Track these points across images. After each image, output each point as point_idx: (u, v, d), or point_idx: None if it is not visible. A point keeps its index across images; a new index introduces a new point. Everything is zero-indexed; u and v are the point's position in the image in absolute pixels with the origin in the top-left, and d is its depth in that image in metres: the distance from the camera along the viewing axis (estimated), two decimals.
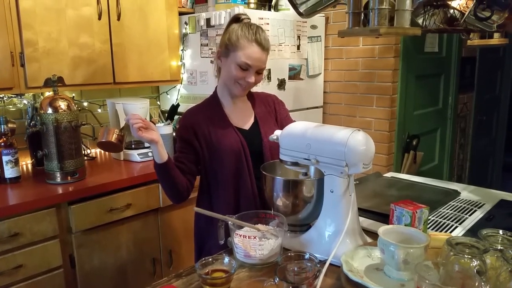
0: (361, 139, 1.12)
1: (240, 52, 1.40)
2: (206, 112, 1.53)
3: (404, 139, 2.91)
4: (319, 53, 2.85)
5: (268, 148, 1.51)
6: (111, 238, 2.02)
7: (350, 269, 0.99)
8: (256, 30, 1.42)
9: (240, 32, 1.42)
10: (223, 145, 1.47)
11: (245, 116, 1.56)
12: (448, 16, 1.25)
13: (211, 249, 1.43)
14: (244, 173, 1.47)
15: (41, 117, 1.92)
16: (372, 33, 0.99)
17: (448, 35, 3.20)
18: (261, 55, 1.43)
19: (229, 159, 1.46)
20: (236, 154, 1.46)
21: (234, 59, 1.42)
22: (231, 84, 1.47)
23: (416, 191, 1.72)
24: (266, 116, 1.58)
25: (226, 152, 1.46)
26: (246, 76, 1.43)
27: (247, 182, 1.48)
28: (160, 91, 2.89)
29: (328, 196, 1.17)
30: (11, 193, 1.84)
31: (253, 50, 1.41)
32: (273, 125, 1.57)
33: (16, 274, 1.71)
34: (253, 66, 1.42)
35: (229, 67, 1.44)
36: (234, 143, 1.47)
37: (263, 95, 1.66)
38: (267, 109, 1.60)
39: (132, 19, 2.30)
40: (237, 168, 1.47)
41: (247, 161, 1.48)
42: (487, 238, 0.97)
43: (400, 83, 2.73)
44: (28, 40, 1.95)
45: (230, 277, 1.02)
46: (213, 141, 1.48)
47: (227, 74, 1.47)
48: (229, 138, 1.48)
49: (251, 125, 1.55)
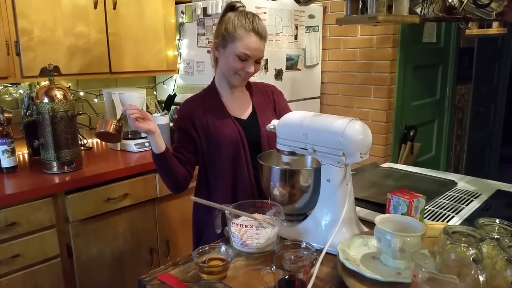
0: (358, 129, 1.12)
1: (238, 43, 1.39)
2: (204, 102, 1.52)
3: (402, 130, 2.91)
4: (317, 43, 2.83)
5: (266, 138, 1.50)
6: (108, 228, 2.02)
7: (346, 258, 0.99)
8: (252, 18, 1.41)
9: (236, 21, 1.40)
10: (221, 134, 1.46)
11: (243, 106, 1.55)
12: (446, 5, 1.24)
13: (209, 239, 1.43)
14: (242, 162, 1.47)
15: (37, 106, 1.90)
16: (370, 21, 0.99)
17: (446, 25, 3.19)
18: (260, 44, 1.42)
19: (227, 149, 1.46)
20: (233, 144, 1.46)
21: (232, 50, 1.41)
22: (231, 75, 1.46)
23: (413, 181, 1.73)
24: (264, 106, 1.57)
25: (224, 142, 1.46)
26: (246, 67, 1.42)
27: (244, 172, 1.48)
28: (157, 81, 2.87)
29: (325, 185, 1.17)
30: (7, 183, 1.83)
31: (251, 40, 1.39)
32: (271, 115, 1.56)
33: (13, 263, 1.71)
34: (252, 56, 1.41)
35: (227, 58, 1.43)
36: (232, 132, 1.47)
37: (261, 85, 1.65)
38: (265, 99, 1.60)
39: (128, 8, 2.28)
40: (235, 158, 1.47)
41: (244, 151, 1.48)
42: (484, 227, 0.97)
43: (397, 74, 2.72)
44: (23, 29, 1.93)
45: (227, 266, 1.02)
46: (211, 131, 1.47)
47: (226, 65, 1.45)
48: (227, 128, 1.47)
49: (249, 114, 1.54)
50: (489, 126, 4.35)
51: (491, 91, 4.25)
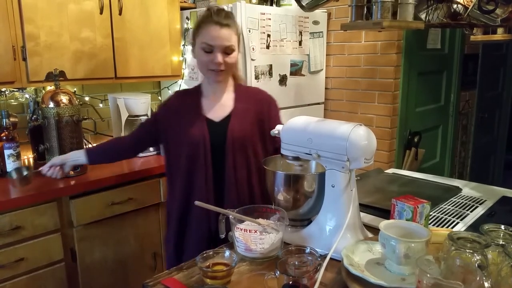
0: (363, 134, 1.12)
1: (201, 36, 1.41)
2: (185, 98, 1.55)
3: (406, 136, 2.90)
4: (321, 49, 2.84)
5: (231, 144, 1.45)
6: (112, 232, 2.02)
7: (350, 263, 0.99)
8: (214, 11, 1.41)
9: (200, 18, 1.43)
10: (183, 133, 1.47)
11: (221, 108, 1.51)
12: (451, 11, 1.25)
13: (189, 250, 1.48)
14: (200, 164, 1.45)
15: (42, 111, 1.92)
16: (375, 26, 0.99)
17: (451, 31, 3.19)
18: (220, 32, 1.39)
19: (187, 147, 1.45)
20: (194, 144, 1.44)
21: (198, 45, 1.43)
22: (205, 72, 1.47)
23: (418, 187, 1.72)
24: (244, 113, 1.51)
25: (185, 141, 1.46)
26: (213, 58, 1.40)
27: (201, 173, 1.45)
28: (162, 86, 2.88)
29: (329, 191, 1.17)
30: (12, 187, 1.83)
31: (211, 29, 1.39)
32: (249, 123, 1.49)
33: (17, 267, 1.71)
34: (216, 45, 1.39)
35: (197, 55, 1.45)
36: (195, 133, 1.45)
37: (255, 92, 1.60)
38: (250, 106, 1.52)
39: (133, 13, 2.29)
40: (193, 158, 1.45)
41: (205, 152, 1.45)
42: (489, 233, 0.97)
43: (402, 80, 2.72)
44: (30, 34, 1.95)
45: (230, 270, 1.02)
46: (175, 128, 1.49)
47: (198, 63, 1.47)
48: (193, 128, 1.46)
49: (223, 118, 1.50)
50: (493, 132, 4.34)
51: (496, 97, 4.24)
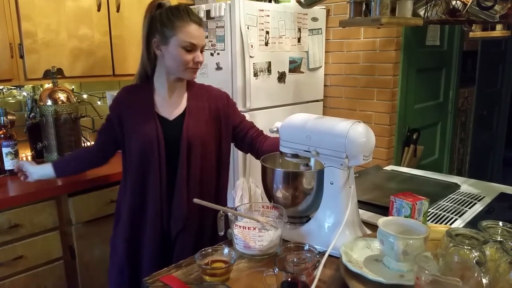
0: (362, 131, 1.12)
1: (180, 35, 1.36)
2: (136, 94, 1.50)
3: (405, 133, 2.90)
4: (320, 46, 2.84)
5: (186, 142, 1.44)
6: (111, 230, 2.01)
7: (349, 260, 0.99)
8: (185, 9, 1.40)
9: (170, 15, 1.38)
10: (137, 131, 1.44)
11: (174, 106, 1.49)
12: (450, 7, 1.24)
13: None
14: (154, 161, 1.43)
15: (40, 109, 1.91)
16: (373, 23, 0.99)
17: (450, 28, 3.19)
18: (201, 32, 1.40)
19: (141, 146, 1.43)
20: (148, 142, 1.42)
21: (175, 43, 1.37)
22: (181, 71, 1.42)
23: (416, 184, 1.72)
24: (199, 111, 1.49)
25: (138, 138, 1.44)
26: (195, 57, 1.40)
27: (155, 173, 1.43)
28: None
29: (328, 188, 1.17)
30: (11, 185, 1.84)
31: (192, 28, 1.38)
32: (203, 122, 1.48)
33: (16, 265, 1.72)
34: (198, 44, 1.39)
35: (172, 54, 1.39)
36: (149, 131, 1.43)
37: (206, 89, 1.57)
38: (204, 104, 1.51)
39: (131, 10, 2.29)
40: (147, 157, 1.43)
41: (159, 151, 1.43)
42: (487, 230, 0.97)
43: (401, 77, 2.72)
44: (27, 31, 1.94)
45: (229, 268, 1.02)
46: (130, 124, 1.46)
47: (173, 61, 1.41)
48: (146, 125, 1.43)
49: (177, 116, 1.48)
50: (492, 129, 4.34)
51: (495, 94, 4.24)
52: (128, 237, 1.50)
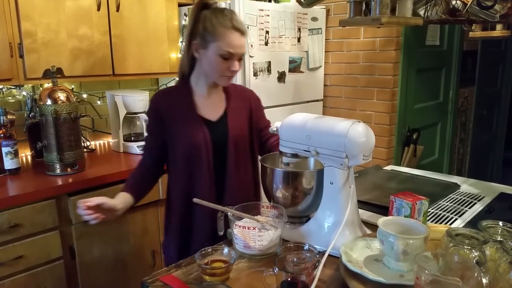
0: (361, 131, 1.11)
1: (220, 42, 1.35)
2: (175, 97, 1.48)
3: (405, 132, 2.91)
4: (320, 46, 2.84)
5: (233, 142, 1.45)
6: (111, 230, 2.02)
7: (349, 260, 0.99)
8: (231, 15, 1.37)
9: (214, 20, 1.36)
10: (184, 133, 1.43)
11: (215, 108, 1.49)
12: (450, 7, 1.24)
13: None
14: (203, 164, 1.43)
15: (40, 108, 1.91)
16: (373, 23, 0.99)
17: (450, 27, 3.18)
18: (242, 41, 1.38)
19: (188, 149, 1.42)
20: (196, 145, 1.42)
21: (214, 50, 1.36)
22: (217, 77, 1.42)
23: (416, 184, 1.72)
24: (239, 111, 1.51)
25: (186, 141, 1.43)
26: (230, 66, 1.39)
27: (204, 175, 1.43)
28: (160, 83, 2.88)
29: (327, 187, 1.17)
30: (10, 185, 1.84)
31: (233, 38, 1.36)
32: (244, 121, 1.51)
33: (16, 264, 1.71)
34: (236, 53, 1.38)
35: (210, 59, 1.39)
36: (196, 133, 1.42)
37: (240, 89, 1.60)
38: (242, 104, 1.53)
39: (131, 10, 2.29)
40: (195, 159, 1.43)
41: (207, 153, 1.43)
42: (487, 230, 0.97)
43: (401, 76, 2.72)
44: (27, 31, 1.94)
45: (229, 267, 1.02)
46: (175, 128, 1.44)
47: (209, 67, 1.41)
48: (192, 126, 1.43)
49: (219, 117, 1.49)
50: (492, 129, 4.34)
51: (495, 94, 4.24)
52: (180, 242, 1.50)
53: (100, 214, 1.30)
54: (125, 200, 1.42)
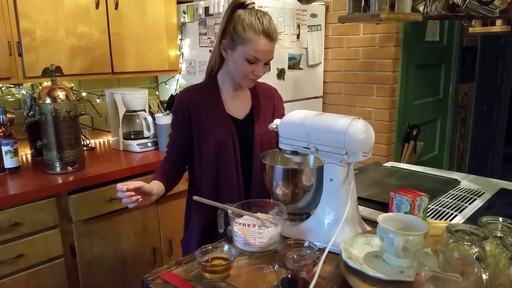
0: (361, 127, 1.11)
1: (248, 46, 1.34)
2: (202, 94, 1.48)
3: (404, 129, 2.90)
4: (319, 42, 2.83)
5: (259, 142, 1.47)
6: (112, 228, 2.02)
7: (349, 256, 0.99)
8: (263, 19, 1.35)
9: (247, 21, 1.34)
10: (212, 131, 1.43)
11: (242, 106, 1.51)
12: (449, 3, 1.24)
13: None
14: (231, 162, 1.43)
15: (39, 107, 1.91)
16: (372, 19, 0.98)
17: (449, 23, 3.18)
18: (270, 47, 1.37)
19: (216, 146, 1.43)
20: (224, 142, 1.42)
21: (241, 53, 1.36)
22: (240, 78, 1.42)
23: (416, 180, 1.72)
24: (264, 110, 1.53)
25: (214, 139, 1.43)
26: (255, 70, 1.38)
27: (232, 172, 1.44)
28: (159, 81, 2.88)
29: (327, 184, 1.17)
30: (10, 183, 1.84)
31: (261, 43, 1.34)
32: (269, 119, 1.50)
33: (17, 263, 1.72)
34: (262, 59, 1.37)
35: (236, 61, 1.39)
36: (224, 131, 1.43)
37: (265, 87, 1.60)
38: (266, 102, 1.55)
39: (129, 8, 2.28)
40: (223, 157, 1.43)
41: (235, 150, 1.44)
42: (487, 225, 0.97)
43: (400, 73, 2.71)
44: (26, 29, 1.93)
45: (229, 265, 1.02)
46: (202, 126, 1.44)
47: (234, 68, 1.41)
48: (221, 125, 1.44)
49: (245, 115, 1.50)
50: (492, 125, 4.34)
51: (495, 90, 4.24)
52: (201, 239, 1.49)
53: (139, 197, 1.29)
54: (159, 186, 1.41)
